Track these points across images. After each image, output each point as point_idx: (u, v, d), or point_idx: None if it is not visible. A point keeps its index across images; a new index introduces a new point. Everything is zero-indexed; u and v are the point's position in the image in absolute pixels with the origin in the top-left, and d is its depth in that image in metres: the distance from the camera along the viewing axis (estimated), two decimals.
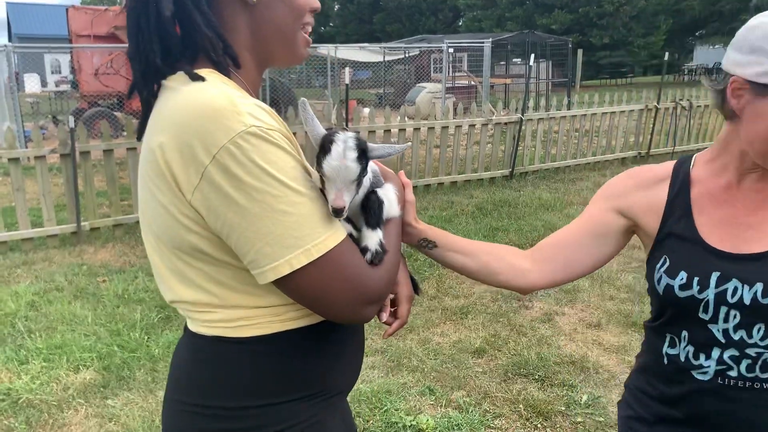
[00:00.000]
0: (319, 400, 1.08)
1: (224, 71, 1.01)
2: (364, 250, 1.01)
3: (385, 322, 1.17)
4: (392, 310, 1.19)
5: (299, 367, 1.06)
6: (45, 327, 4.09)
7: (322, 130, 1.00)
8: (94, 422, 3.07)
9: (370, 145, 1.01)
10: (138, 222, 5.35)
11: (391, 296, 1.18)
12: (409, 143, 1.01)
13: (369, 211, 1.05)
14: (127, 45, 1.03)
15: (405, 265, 1.23)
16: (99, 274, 5.14)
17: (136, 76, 1.04)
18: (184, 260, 1.01)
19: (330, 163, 0.95)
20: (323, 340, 1.08)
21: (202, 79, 0.97)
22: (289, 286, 0.95)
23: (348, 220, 1.05)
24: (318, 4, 1.13)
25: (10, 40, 39.80)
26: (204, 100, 0.92)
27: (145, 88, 1.04)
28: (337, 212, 0.96)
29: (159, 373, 3.50)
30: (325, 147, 0.96)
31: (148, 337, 3.93)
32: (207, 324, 1.04)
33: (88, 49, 13.72)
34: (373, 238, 1.02)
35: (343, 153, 0.95)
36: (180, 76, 0.99)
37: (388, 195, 1.11)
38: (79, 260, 5.54)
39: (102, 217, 6.32)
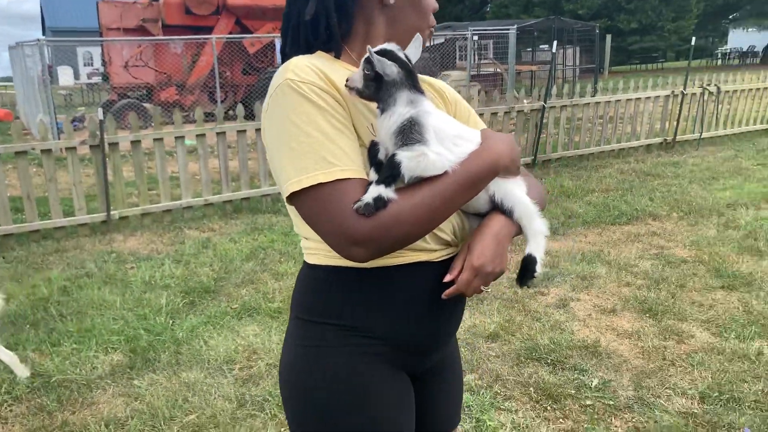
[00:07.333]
0: (349, 335, 1.22)
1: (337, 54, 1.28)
2: (357, 200, 1.07)
3: (445, 282, 1.22)
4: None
5: (336, 298, 1.22)
6: (76, 311, 4.27)
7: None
8: (120, 401, 3.23)
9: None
10: (165, 211, 5.47)
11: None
12: (420, 39, 1.18)
13: (379, 167, 1.12)
14: (159, 37, 1.24)
15: (491, 241, 1.21)
16: (127, 261, 5.32)
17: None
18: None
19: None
20: (366, 281, 1.20)
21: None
22: (298, 210, 1.14)
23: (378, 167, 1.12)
24: (437, 5, 1.33)
25: (44, 33, 40.60)
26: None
27: None
28: (346, 87, 1.13)
29: (183, 355, 3.64)
30: None
31: (173, 321, 4.08)
32: (303, 249, 1.30)
33: (118, 42, 14.00)
34: (370, 192, 1.07)
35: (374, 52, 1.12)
36: None
37: (427, 155, 1.09)
38: (109, 248, 5.73)
39: (130, 207, 6.52)
